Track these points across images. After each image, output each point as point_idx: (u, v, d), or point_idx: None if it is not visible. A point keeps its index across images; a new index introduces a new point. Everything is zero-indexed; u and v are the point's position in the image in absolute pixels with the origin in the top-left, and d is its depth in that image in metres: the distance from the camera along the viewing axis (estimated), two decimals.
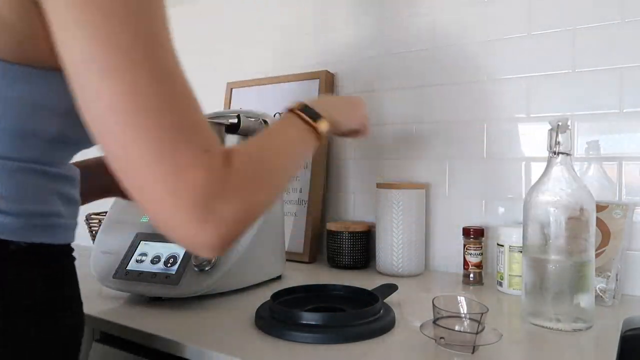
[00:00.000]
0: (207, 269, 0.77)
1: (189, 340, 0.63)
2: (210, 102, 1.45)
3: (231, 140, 0.90)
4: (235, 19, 1.41)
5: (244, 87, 1.34)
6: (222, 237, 0.42)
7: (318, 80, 1.21)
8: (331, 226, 1.10)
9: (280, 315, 0.67)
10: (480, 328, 0.58)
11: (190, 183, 0.40)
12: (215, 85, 1.44)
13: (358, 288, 0.78)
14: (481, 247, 0.95)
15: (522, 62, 0.97)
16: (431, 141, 1.08)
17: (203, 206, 0.40)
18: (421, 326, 0.63)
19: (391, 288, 0.81)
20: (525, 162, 0.98)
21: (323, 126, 0.59)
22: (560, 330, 0.67)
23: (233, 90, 1.36)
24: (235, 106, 1.35)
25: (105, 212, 0.97)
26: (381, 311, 0.69)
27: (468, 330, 0.59)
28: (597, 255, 0.81)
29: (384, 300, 0.75)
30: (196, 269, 0.77)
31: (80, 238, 1.37)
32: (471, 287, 0.93)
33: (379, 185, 1.05)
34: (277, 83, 1.28)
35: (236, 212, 0.42)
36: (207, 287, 0.77)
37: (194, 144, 0.41)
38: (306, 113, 0.58)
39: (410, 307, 0.75)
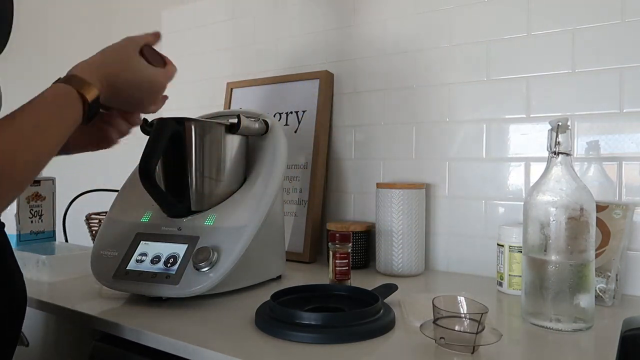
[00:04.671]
0: (206, 269, 0.77)
1: (189, 340, 0.63)
2: (210, 102, 1.45)
3: (231, 140, 0.90)
4: (235, 19, 1.41)
5: (244, 87, 1.34)
6: None
7: (318, 80, 1.21)
8: (331, 226, 1.10)
9: (280, 315, 0.67)
10: (480, 328, 0.58)
11: None
12: (215, 85, 1.44)
13: (358, 288, 0.78)
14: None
15: (522, 62, 0.97)
16: (431, 141, 1.08)
17: None
18: (421, 326, 0.63)
19: (391, 288, 0.81)
20: (525, 162, 0.98)
21: (91, 94, 0.56)
22: (560, 330, 0.67)
23: (233, 90, 1.37)
24: (235, 106, 1.35)
25: (105, 212, 0.97)
26: (381, 311, 0.69)
27: (468, 330, 0.59)
28: (597, 255, 0.81)
29: (384, 300, 0.75)
30: (196, 269, 0.77)
31: (80, 238, 1.37)
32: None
33: (379, 185, 1.05)
34: (277, 83, 1.28)
35: None
36: (207, 287, 0.77)
37: None
38: (90, 110, 0.56)
39: (410, 307, 0.75)
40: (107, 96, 0.61)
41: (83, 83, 0.56)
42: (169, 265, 0.80)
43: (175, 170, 0.86)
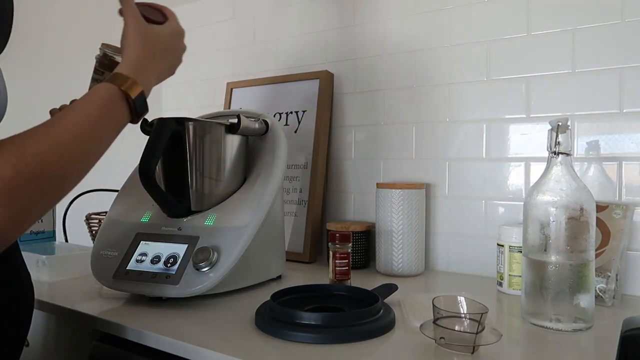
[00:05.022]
0: (206, 269, 0.77)
1: (189, 340, 0.63)
2: (210, 102, 1.45)
3: (231, 140, 0.90)
4: (235, 19, 1.41)
5: (244, 87, 1.34)
6: None
7: (318, 80, 1.21)
8: (331, 226, 1.10)
9: (280, 315, 0.67)
10: (480, 328, 0.58)
11: None
12: (215, 85, 1.44)
13: (358, 288, 0.78)
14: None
15: (522, 62, 0.97)
16: (431, 141, 1.08)
17: None
18: (421, 326, 0.63)
19: (391, 288, 0.81)
20: (525, 162, 0.98)
21: (134, 91, 0.57)
22: (560, 330, 0.67)
23: (233, 90, 1.37)
24: (235, 106, 1.35)
25: (105, 212, 0.97)
26: (381, 311, 0.69)
27: (468, 330, 0.59)
28: (597, 255, 0.81)
29: (384, 300, 0.75)
30: (196, 269, 0.77)
31: (80, 238, 1.37)
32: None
33: (379, 185, 1.05)
34: (277, 83, 1.28)
35: (6, 216, 0.42)
36: (207, 287, 0.77)
37: None
38: (138, 108, 0.57)
39: (410, 307, 0.75)
40: (155, 80, 0.64)
41: (125, 80, 0.57)
42: (169, 265, 0.80)
43: (175, 170, 0.86)
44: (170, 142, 0.82)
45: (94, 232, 1.24)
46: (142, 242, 0.85)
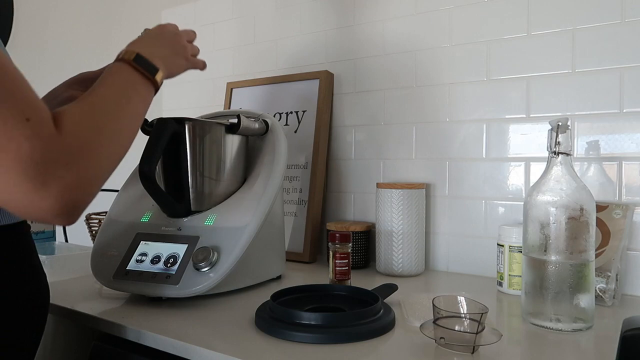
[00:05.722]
0: (206, 269, 0.77)
1: (189, 340, 0.63)
2: (210, 102, 1.45)
3: (231, 140, 0.90)
4: (235, 19, 1.41)
5: (244, 87, 1.34)
6: (66, 203, 0.43)
7: (318, 80, 1.21)
8: (331, 226, 1.10)
9: (280, 315, 0.67)
10: (480, 328, 0.58)
11: (13, 154, 0.41)
12: (215, 85, 1.44)
13: (358, 288, 0.79)
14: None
15: (522, 62, 0.97)
16: (431, 141, 1.08)
17: (35, 174, 0.41)
18: (421, 326, 0.63)
19: (391, 288, 0.81)
20: (525, 162, 0.98)
21: (159, 78, 0.62)
22: (560, 330, 0.67)
23: (233, 90, 1.37)
24: (235, 106, 1.35)
25: (105, 212, 0.97)
26: (381, 311, 0.69)
27: (468, 330, 0.59)
28: (597, 255, 0.81)
29: (384, 300, 0.75)
30: (196, 269, 0.77)
31: (80, 238, 1.37)
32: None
33: (379, 185, 1.05)
34: (277, 83, 1.28)
35: (77, 175, 0.44)
36: (207, 287, 0.77)
37: (11, 115, 0.41)
38: (142, 66, 0.60)
39: (410, 307, 0.75)
40: (151, 48, 0.65)
41: (120, 54, 0.61)
42: (169, 265, 0.80)
43: (175, 170, 0.86)
44: (170, 142, 0.82)
45: (94, 232, 1.24)
46: (142, 242, 0.85)
